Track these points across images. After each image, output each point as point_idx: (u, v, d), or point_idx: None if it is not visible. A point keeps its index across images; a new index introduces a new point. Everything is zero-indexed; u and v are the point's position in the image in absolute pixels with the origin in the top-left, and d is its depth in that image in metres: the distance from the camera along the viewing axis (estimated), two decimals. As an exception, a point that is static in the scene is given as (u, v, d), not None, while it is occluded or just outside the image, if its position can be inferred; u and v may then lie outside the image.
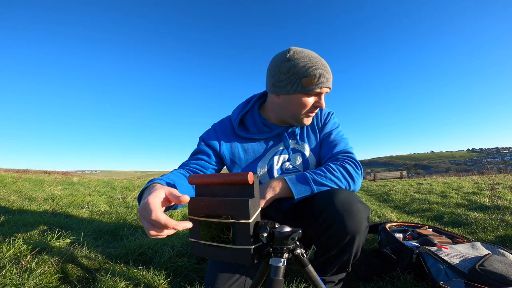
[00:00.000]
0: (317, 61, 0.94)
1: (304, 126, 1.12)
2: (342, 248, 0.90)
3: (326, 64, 0.96)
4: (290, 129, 1.10)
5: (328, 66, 0.96)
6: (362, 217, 0.87)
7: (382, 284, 1.13)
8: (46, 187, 4.45)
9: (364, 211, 0.88)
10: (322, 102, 0.99)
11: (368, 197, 5.41)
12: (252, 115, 1.14)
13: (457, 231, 2.04)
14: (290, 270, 1.27)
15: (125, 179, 9.88)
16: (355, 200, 0.87)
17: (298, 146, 1.11)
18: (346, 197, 0.87)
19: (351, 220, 0.85)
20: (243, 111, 1.12)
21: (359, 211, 0.86)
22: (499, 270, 0.97)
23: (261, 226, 0.61)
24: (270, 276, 0.59)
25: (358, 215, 0.86)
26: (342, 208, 0.85)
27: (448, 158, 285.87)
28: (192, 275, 1.25)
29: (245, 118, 1.14)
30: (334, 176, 0.94)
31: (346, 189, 0.95)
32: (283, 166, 1.10)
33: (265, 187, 0.90)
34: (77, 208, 2.86)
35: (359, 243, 0.90)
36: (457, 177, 9.21)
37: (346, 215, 0.84)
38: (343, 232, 0.86)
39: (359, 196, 0.92)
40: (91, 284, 1.09)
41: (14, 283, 0.99)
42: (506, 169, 27.25)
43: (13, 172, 7.29)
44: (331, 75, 0.96)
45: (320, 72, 0.93)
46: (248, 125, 1.13)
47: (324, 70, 0.94)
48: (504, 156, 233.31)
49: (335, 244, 0.89)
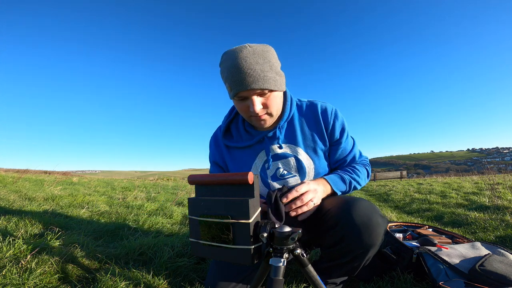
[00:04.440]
0: (230, 62, 0.84)
1: (293, 126, 1.03)
2: (353, 258, 0.88)
3: (242, 63, 0.82)
4: (271, 133, 1.01)
5: (246, 64, 0.82)
6: (380, 231, 0.83)
7: (382, 284, 1.13)
8: (46, 187, 4.45)
9: (383, 224, 0.84)
10: (252, 107, 0.87)
11: (368, 197, 5.41)
12: (237, 121, 1.11)
13: (457, 231, 2.04)
14: (290, 270, 1.27)
15: (125, 179, 9.88)
16: (375, 213, 0.83)
17: (290, 150, 1.03)
18: (365, 209, 0.83)
19: (369, 234, 0.81)
20: (229, 119, 1.10)
21: (378, 225, 0.82)
22: (499, 270, 0.97)
23: (261, 226, 0.61)
24: (270, 276, 0.59)
25: (377, 229, 0.82)
26: (360, 221, 0.81)
27: (448, 158, 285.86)
28: (192, 275, 1.25)
29: (231, 126, 1.11)
30: (360, 177, 1.03)
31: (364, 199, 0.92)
32: (277, 172, 1.03)
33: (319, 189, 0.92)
34: (77, 208, 2.86)
35: (372, 254, 0.88)
36: (457, 177, 9.21)
37: (364, 229, 0.81)
38: (358, 246, 0.83)
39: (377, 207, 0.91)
40: (91, 284, 1.09)
41: (14, 283, 0.99)
42: (506, 169, 27.25)
43: (13, 172, 7.29)
44: (247, 75, 0.82)
45: (231, 76, 0.84)
46: (233, 132, 1.10)
47: (235, 72, 0.82)
48: (504, 156, 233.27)
49: (347, 254, 0.87)
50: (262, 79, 0.83)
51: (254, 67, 0.82)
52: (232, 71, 0.83)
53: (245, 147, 1.06)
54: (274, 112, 0.94)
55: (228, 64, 0.84)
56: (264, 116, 0.93)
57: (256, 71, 0.82)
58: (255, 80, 0.82)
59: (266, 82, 0.84)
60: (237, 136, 1.08)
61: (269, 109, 0.91)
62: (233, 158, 1.09)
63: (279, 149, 1.02)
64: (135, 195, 4.32)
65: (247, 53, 0.83)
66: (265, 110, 0.91)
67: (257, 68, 0.82)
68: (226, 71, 0.85)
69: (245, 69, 0.81)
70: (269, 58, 0.86)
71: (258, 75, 0.82)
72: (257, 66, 0.83)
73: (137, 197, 4.09)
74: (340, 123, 1.04)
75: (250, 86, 0.83)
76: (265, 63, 0.84)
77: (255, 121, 0.95)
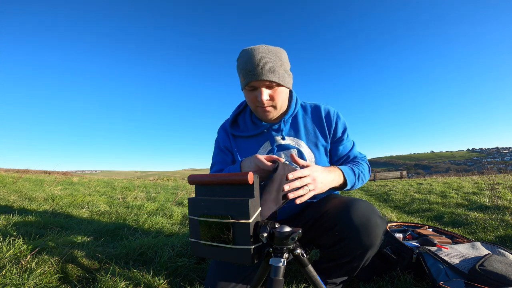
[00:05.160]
0: (247, 56, 0.93)
1: (297, 122, 1.10)
2: (352, 258, 0.89)
3: (257, 57, 0.91)
4: (276, 125, 1.08)
5: (260, 59, 0.91)
6: (379, 232, 0.84)
7: (382, 284, 1.13)
8: (46, 187, 4.46)
9: (382, 225, 0.85)
10: (260, 96, 0.95)
11: (368, 197, 5.41)
12: (245, 114, 1.18)
13: (457, 231, 2.04)
14: (290, 270, 1.27)
15: (125, 179, 9.89)
16: (373, 214, 0.85)
17: (293, 143, 1.09)
18: (364, 210, 0.84)
19: (367, 235, 0.83)
20: (238, 111, 1.18)
21: (377, 226, 0.83)
22: (499, 270, 0.97)
23: (261, 226, 0.61)
24: (270, 276, 0.60)
25: (376, 230, 0.83)
26: (359, 222, 0.82)
27: (448, 158, 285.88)
28: (192, 275, 1.25)
29: (239, 118, 1.18)
30: (365, 171, 1.06)
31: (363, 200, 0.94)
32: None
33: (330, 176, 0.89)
34: (77, 208, 2.87)
35: (371, 254, 0.89)
36: (457, 177, 9.21)
37: (363, 230, 0.82)
38: (357, 246, 0.84)
39: (376, 208, 0.90)
40: (91, 284, 1.09)
41: (14, 283, 0.99)
42: (506, 169, 27.25)
43: (13, 172, 7.30)
44: (260, 67, 0.91)
45: (246, 67, 0.93)
46: (240, 123, 1.17)
47: (250, 64, 0.92)
48: (504, 156, 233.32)
49: (346, 254, 0.88)
50: (272, 73, 0.93)
51: (267, 62, 0.92)
52: (248, 63, 0.93)
53: (250, 136, 1.12)
54: (279, 106, 1.01)
55: (245, 58, 0.94)
56: (269, 107, 1.00)
57: (268, 65, 0.92)
58: (266, 72, 0.92)
59: (275, 76, 0.93)
60: (244, 126, 1.15)
61: (274, 102, 0.99)
62: (238, 147, 1.13)
63: (282, 140, 1.08)
64: (135, 195, 4.32)
65: (262, 50, 0.93)
66: (271, 102, 0.99)
67: (269, 63, 0.92)
68: (242, 64, 0.95)
69: (259, 62, 0.91)
70: (280, 57, 0.96)
71: (269, 69, 0.92)
72: (270, 61, 0.92)
73: (137, 197, 4.09)
74: (342, 123, 1.12)
75: (261, 77, 0.92)
76: (277, 60, 0.94)
77: (260, 111, 1.02)
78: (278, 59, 0.94)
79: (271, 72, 0.92)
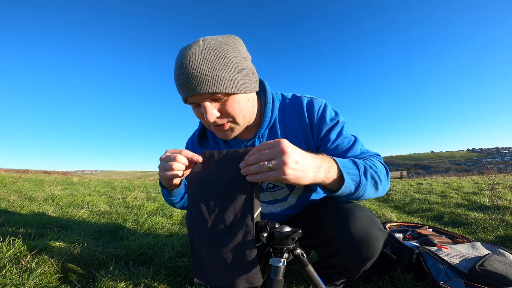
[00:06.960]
0: (176, 65, 0.71)
1: (275, 133, 0.88)
2: (352, 267, 0.86)
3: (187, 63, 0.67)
4: (250, 142, 0.87)
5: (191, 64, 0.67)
6: (379, 245, 0.79)
7: (382, 284, 1.13)
8: (46, 187, 4.46)
9: (381, 237, 0.79)
10: (205, 114, 0.71)
11: (368, 197, 5.41)
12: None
13: (457, 231, 2.04)
14: (290, 270, 1.27)
15: (125, 179, 9.88)
16: (374, 226, 0.77)
17: None
18: (363, 222, 0.77)
19: (367, 249, 0.78)
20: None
21: (376, 239, 0.77)
22: (499, 270, 0.97)
23: (261, 226, 0.61)
24: (270, 276, 0.59)
25: (376, 244, 0.78)
26: (358, 236, 0.76)
27: (448, 158, 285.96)
28: (192, 275, 1.25)
29: (207, 131, 0.98)
30: (377, 168, 0.75)
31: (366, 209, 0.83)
32: (263, 184, 0.92)
33: (316, 164, 0.62)
34: (77, 208, 2.87)
35: (370, 264, 0.85)
36: (457, 177, 9.21)
37: (362, 244, 0.77)
38: (356, 259, 0.81)
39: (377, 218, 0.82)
40: (91, 284, 1.09)
41: (14, 283, 1.00)
42: (506, 169, 27.24)
43: (13, 172, 7.30)
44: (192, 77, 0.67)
45: (176, 79, 0.71)
46: (209, 139, 0.97)
47: (180, 73, 0.68)
48: (504, 156, 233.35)
49: (344, 264, 0.85)
50: (210, 81, 0.67)
51: (199, 67, 0.66)
52: (177, 72, 0.70)
53: None
54: (241, 120, 0.77)
55: (175, 65, 0.71)
56: (227, 125, 0.76)
57: (202, 71, 0.66)
58: (201, 82, 0.67)
59: (216, 84, 0.68)
60: (214, 144, 0.95)
61: (231, 117, 0.75)
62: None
63: None
64: (135, 195, 4.32)
65: (194, 50, 0.67)
66: (226, 118, 0.75)
67: (203, 68, 0.66)
68: (176, 75, 0.71)
69: (188, 70, 0.67)
70: (225, 53, 0.69)
71: (205, 76, 0.67)
72: (205, 65, 0.67)
73: (137, 197, 4.09)
74: (330, 118, 0.85)
75: (196, 91, 0.68)
76: (217, 60, 0.68)
77: (217, 132, 0.80)
78: (219, 58, 0.68)
79: (208, 80, 0.67)
